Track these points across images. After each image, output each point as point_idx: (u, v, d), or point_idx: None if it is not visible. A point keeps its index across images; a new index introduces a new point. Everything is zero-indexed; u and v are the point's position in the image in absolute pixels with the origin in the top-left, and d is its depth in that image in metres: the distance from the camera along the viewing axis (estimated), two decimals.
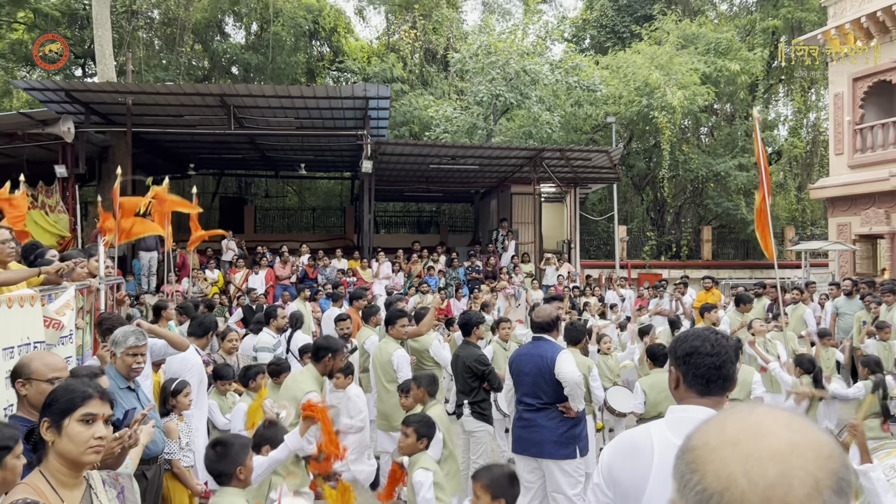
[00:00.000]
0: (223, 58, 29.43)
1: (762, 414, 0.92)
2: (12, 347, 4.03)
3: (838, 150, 18.81)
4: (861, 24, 17.40)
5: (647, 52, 25.59)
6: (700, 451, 0.89)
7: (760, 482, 0.81)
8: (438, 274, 16.74)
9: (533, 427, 5.16)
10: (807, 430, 0.89)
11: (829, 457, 0.85)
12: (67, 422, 2.11)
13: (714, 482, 0.84)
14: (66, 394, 2.19)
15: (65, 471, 2.12)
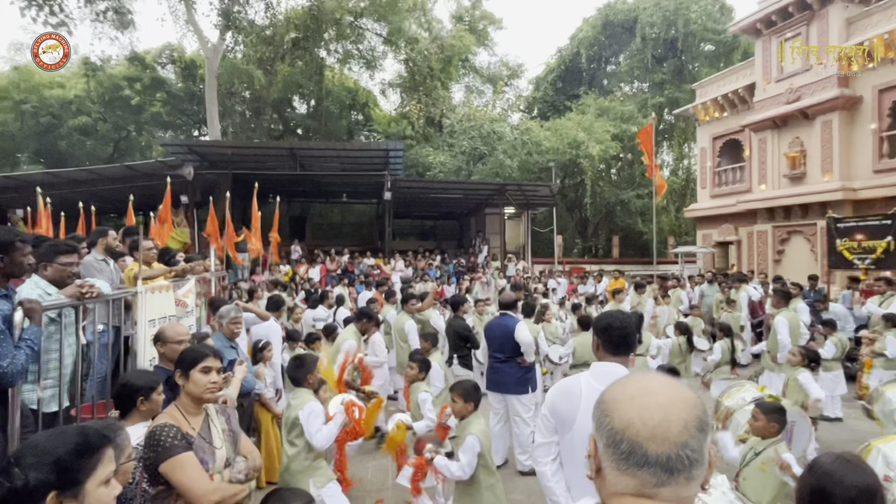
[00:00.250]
0: (292, 123, 29.38)
1: (651, 379, 0.93)
2: (155, 319, 4.07)
3: (703, 185, 18.87)
4: (717, 101, 17.54)
5: (576, 119, 25.59)
6: (610, 403, 0.91)
7: (649, 423, 0.84)
8: (435, 268, 16.78)
9: (500, 372, 5.15)
10: (680, 389, 0.91)
11: (694, 406, 0.87)
12: (193, 372, 2.14)
13: (619, 424, 0.86)
14: (191, 353, 2.23)
15: (191, 405, 2.16)
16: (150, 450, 1.97)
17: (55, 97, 25.62)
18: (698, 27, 26.35)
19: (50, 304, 2.81)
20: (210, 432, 2.19)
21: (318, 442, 3.13)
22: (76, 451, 1.17)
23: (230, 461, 2.20)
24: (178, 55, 27.33)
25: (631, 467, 0.84)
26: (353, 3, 24.43)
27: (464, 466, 3.08)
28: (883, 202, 12.07)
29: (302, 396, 3.32)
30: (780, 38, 14.78)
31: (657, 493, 0.84)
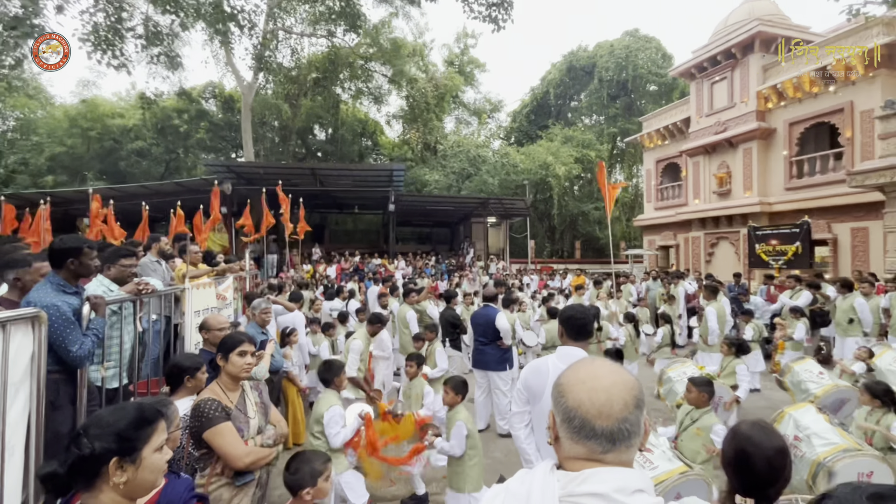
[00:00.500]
0: (313, 147, 29.19)
1: (598, 366, 0.95)
2: (199, 310, 4.04)
3: (648, 200, 18.93)
4: (660, 131, 17.62)
5: (545, 145, 25.68)
6: (565, 385, 0.93)
7: (596, 403, 0.86)
8: (431, 267, 16.73)
9: (483, 353, 5.16)
10: (622, 373, 0.93)
11: (633, 388, 0.89)
12: (231, 355, 2.13)
13: (572, 403, 0.89)
14: (230, 339, 2.21)
15: (230, 382, 2.14)
16: (195, 420, 1.96)
17: (116, 125, 25.32)
18: (644, 71, 26.53)
19: (112, 299, 2.79)
20: (245, 405, 2.17)
21: (336, 443, 3.07)
22: (134, 424, 1.17)
23: (262, 429, 2.19)
24: (219, 91, 27.10)
25: (582, 438, 0.87)
26: (363, 50, 24.35)
27: (454, 446, 3.15)
28: (792, 214, 12.16)
29: (328, 398, 3.23)
30: (710, 81, 14.87)
31: (603, 458, 0.86)
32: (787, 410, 3.30)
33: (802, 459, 2.97)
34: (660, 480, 2.65)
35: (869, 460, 2.82)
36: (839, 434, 2.99)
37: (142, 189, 14.66)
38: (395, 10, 22.49)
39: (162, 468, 1.21)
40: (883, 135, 8.31)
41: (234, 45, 17.69)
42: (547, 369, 2.20)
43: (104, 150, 24.98)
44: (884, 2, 6.25)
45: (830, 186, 11.50)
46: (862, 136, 10.95)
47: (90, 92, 26.09)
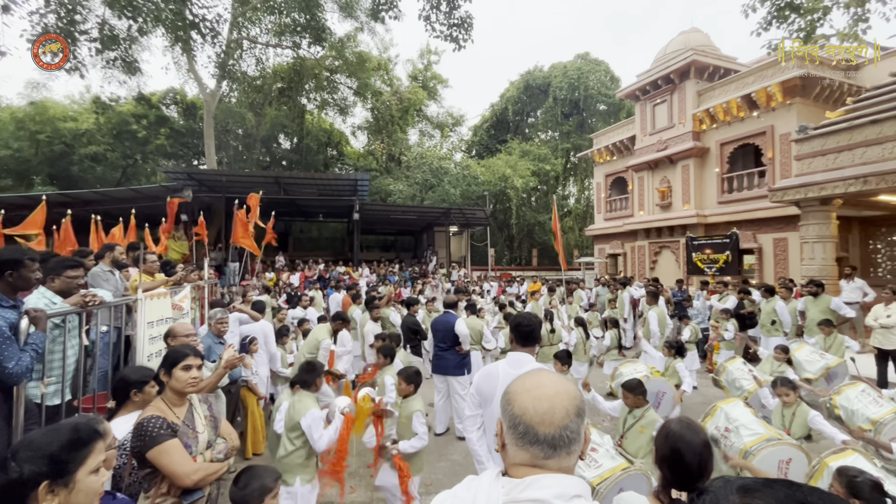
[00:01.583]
0: (277, 156, 28.42)
1: (543, 376, 0.97)
2: (153, 321, 3.83)
3: (599, 211, 19.46)
4: (609, 148, 18.25)
5: (504, 158, 26.18)
6: (512, 394, 0.94)
7: (540, 411, 0.88)
8: (394, 274, 16.60)
9: (443, 359, 5.15)
10: (565, 384, 0.95)
11: (574, 397, 0.92)
12: (175, 370, 2.00)
13: (518, 410, 0.90)
14: (173, 354, 2.07)
15: (175, 397, 2.01)
16: (137, 439, 1.83)
17: (68, 129, 23.63)
18: (595, 92, 27.61)
19: (55, 312, 2.59)
20: (193, 419, 2.05)
21: (321, 446, 2.88)
22: (68, 446, 1.08)
23: (211, 443, 2.08)
24: (181, 97, 25.92)
25: (526, 444, 0.88)
26: (329, 62, 24.05)
27: (422, 437, 3.14)
28: (724, 226, 12.87)
29: (304, 402, 3.02)
30: (652, 103, 15.62)
31: (545, 463, 0.88)
32: (719, 405, 3.50)
33: (731, 448, 3.15)
34: (604, 477, 2.73)
35: (788, 448, 3.02)
36: (763, 425, 3.19)
37: (95, 195, 13.75)
38: (361, 26, 22.39)
39: (97, 491, 1.13)
40: (798, 156, 9.02)
41: (196, 52, 17.05)
42: (497, 374, 2.22)
43: (54, 155, 23.26)
44: (797, 39, 6.83)
45: (756, 201, 12.31)
46: (781, 157, 11.84)
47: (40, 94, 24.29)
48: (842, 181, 7.85)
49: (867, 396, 4.10)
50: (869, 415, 3.88)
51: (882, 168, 7.37)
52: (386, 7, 9.04)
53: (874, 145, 7.71)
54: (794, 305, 6.85)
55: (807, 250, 8.74)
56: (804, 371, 5.24)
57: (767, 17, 6.79)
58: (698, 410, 4.03)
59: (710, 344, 7.08)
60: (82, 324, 2.91)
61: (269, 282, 14.11)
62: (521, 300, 10.61)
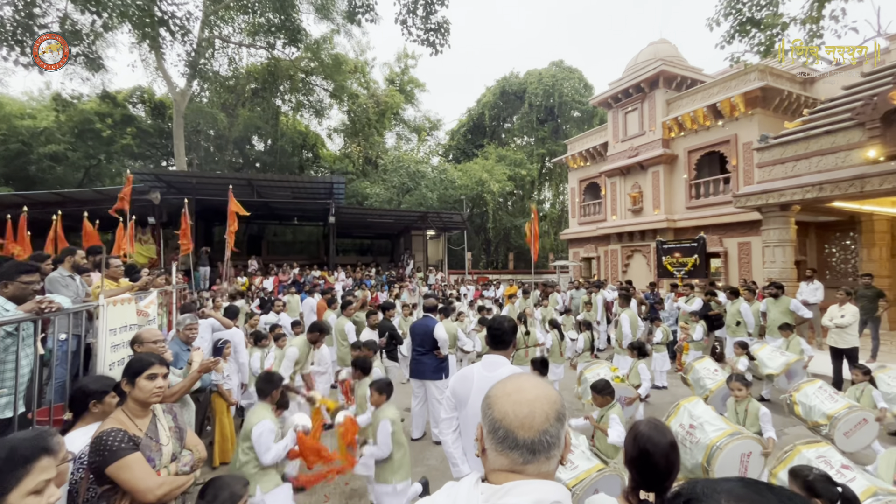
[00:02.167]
0: (251, 157, 27.79)
1: (524, 380, 0.96)
2: (116, 328, 3.66)
3: (573, 215, 19.76)
4: (582, 153, 18.63)
5: (481, 163, 26.37)
6: (493, 398, 0.94)
7: (520, 415, 0.88)
8: (371, 278, 16.45)
9: (420, 363, 5.11)
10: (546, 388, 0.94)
11: (555, 402, 0.91)
12: (139, 380, 1.92)
13: (498, 415, 0.90)
14: (137, 362, 1.98)
15: (137, 408, 1.93)
16: (95, 454, 1.73)
17: (25, 126, 22.46)
18: (569, 99, 28.18)
19: (7, 319, 2.45)
20: (157, 431, 1.96)
21: (266, 460, 2.80)
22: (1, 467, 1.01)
23: (176, 455, 2.00)
24: (149, 96, 25.04)
25: (505, 449, 0.87)
26: (304, 64, 23.72)
27: (381, 446, 3.09)
28: (693, 230, 13.30)
29: (259, 412, 2.94)
30: (624, 111, 16.05)
31: (524, 469, 0.87)
32: (682, 403, 3.61)
33: (698, 444, 3.24)
34: (580, 479, 2.76)
35: (749, 442, 3.15)
36: (724, 421, 3.31)
37: (55, 196, 13.11)
38: (337, 28, 22.21)
39: None
40: (760, 164, 9.44)
41: (165, 50, 16.53)
42: (472, 376, 2.22)
43: (10, 154, 22.05)
44: (757, 52, 7.16)
45: (721, 206, 12.80)
46: (745, 164, 12.36)
47: None
48: (799, 188, 8.24)
49: (824, 393, 4.31)
50: (825, 410, 4.08)
51: (836, 176, 7.78)
52: (362, 10, 9.00)
53: (828, 154, 8.14)
54: (757, 307, 7.13)
55: (768, 254, 9.13)
56: (766, 367, 5.47)
57: (730, 31, 7.10)
58: (667, 410, 4.13)
59: (679, 345, 7.30)
60: (38, 332, 2.76)
61: (242, 286, 13.76)
62: (497, 303, 10.66)
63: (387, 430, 3.09)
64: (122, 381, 1.97)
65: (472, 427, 2.17)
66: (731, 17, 7.07)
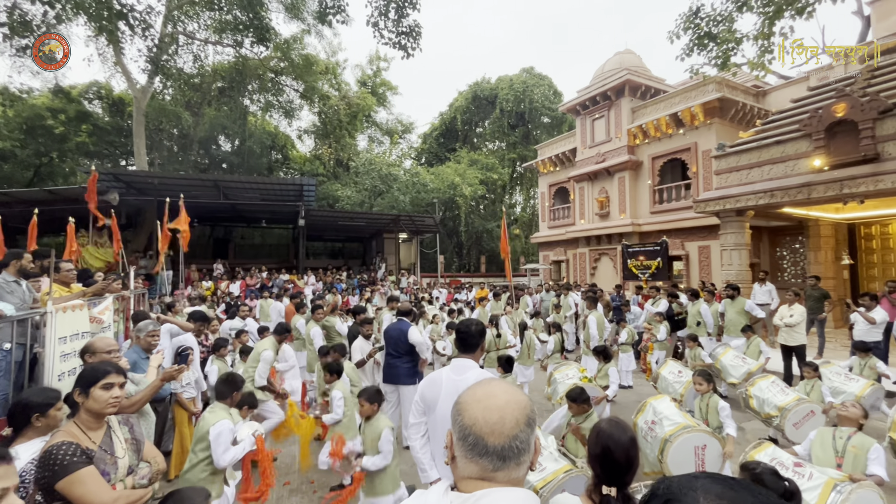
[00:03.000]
0: (217, 158, 26.91)
1: (494, 386, 0.95)
2: (65, 337, 3.45)
3: (543, 219, 20.08)
4: (552, 159, 18.98)
5: (453, 167, 26.48)
6: (463, 404, 0.93)
7: (490, 421, 0.87)
8: (342, 282, 16.20)
9: (393, 367, 5.04)
10: (515, 393, 0.94)
11: (525, 407, 0.91)
12: (93, 389, 1.83)
13: (468, 421, 0.89)
14: (91, 371, 1.89)
15: (91, 420, 1.83)
16: (45, 469, 1.63)
17: None
18: (539, 105, 28.69)
19: None
20: (112, 443, 1.87)
21: (222, 463, 2.70)
22: None
23: (133, 468, 1.91)
24: (106, 92, 23.83)
25: (475, 456, 0.87)
26: (273, 63, 23.21)
27: (386, 455, 3.05)
28: (656, 234, 13.76)
29: (217, 413, 2.85)
30: (591, 118, 16.48)
31: (494, 476, 0.86)
32: (649, 401, 3.73)
33: (656, 439, 3.36)
34: (548, 481, 2.79)
35: (702, 435, 3.28)
36: (684, 416, 3.44)
37: (1, 196, 12.29)
38: (308, 28, 21.85)
39: None
40: (717, 171, 9.89)
41: (124, 45, 15.81)
42: (441, 380, 2.22)
43: None
44: (715, 65, 7.51)
45: (683, 211, 13.32)
46: (704, 171, 12.92)
47: None
48: (753, 194, 8.68)
49: (776, 387, 4.56)
50: (777, 402, 4.31)
51: (785, 183, 8.24)
52: (333, 11, 8.88)
53: (779, 163, 8.62)
54: (716, 307, 7.46)
55: (726, 257, 9.56)
56: (730, 376, 5.70)
57: (690, 45, 7.42)
58: (633, 408, 4.26)
59: (643, 345, 7.54)
60: None
61: (207, 291, 13.28)
62: (469, 306, 10.72)
63: (389, 438, 3.05)
64: (74, 391, 1.87)
65: (441, 431, 2.16)
66: (690, 31, 7.39)
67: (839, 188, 7.46)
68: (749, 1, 6.81)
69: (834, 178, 7.56)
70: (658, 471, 3.29)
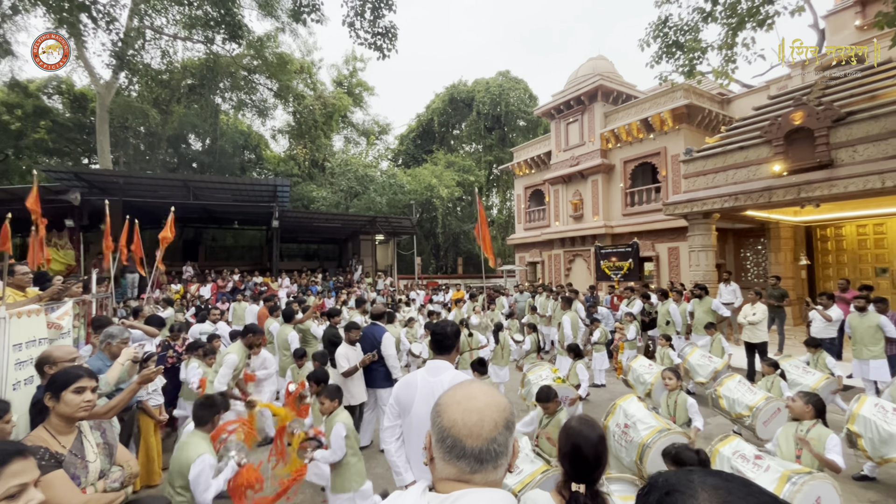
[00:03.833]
0: (187, 157, 26.07)
1: (474, 388, 0.95)
2: (21, 343, 3.27)
3: (519, 221, 20.26)
4: (528, 161, 19.19)
5: (430, 168, 26.49)
6: (442, 406, 0.93)
7: (468, 423, 0.87)
8: (318, 284, 15.96)
9: (370, 370, 4.96)
10: (494, 395, 0.94)
11: (504, 409, 0.91)
12: (65, 393, 1.78)
13: (447, 423, 0.89)
14: (63, 375, 1.85)
15: (61, 424, 1.80)
16: None
17: None
18: (515, 108, 29.03)
19: None
20: (83, 448, 1.83)
21: (206, 500, 2.53)
22: None
23: (105, 473, 1.86)
24: (67, 87, 22.79)
25: (453, 458, 0.87)
26: (246, 61, 22.69)
27: (335, 451, 3.02)
28: (628, 236, 14.13)
29: (197, 444, 2.63)
30: (566, 122, 16.78)
31: (472, 478, 0.87)
32: (618, 402, 3.80)
33: (632, 443, 3.42)
34: (525, 483, 2.81)
35: (675, 437, 3.37)
36: (654, 417, 3.52)
37: None
38: (282, 26, 21.45)
39: None
40: (685, 175, 10.23)
41: (87, 38, 15.15)
42: (416, 382, 2.21)
43: None
44: (682, 73, 7.79)
45: (653, 214, 13.71)
46: (673, 175, 13.34)
47: None
48: (718, 198, 9.02)
49: (743, 386, 4.74)
50: (747, 402, 4.48)
51: (748, 188, 8.60)
52: (308, 9, 8.76)
53: (742, 168, 8.99)
54: (685, 307, 7.71)
55: (693, 258, 9.89)
56: (698, 375, 5.90)
57: (659, 52, 7.67)
58: (605, 407, 4.35)
59: (615, 344, 7.72)
60: None
61: (176, 294, 12.84)
62: (447, 308, 10.73)
63: (340, 434, 3.02)
64: (45, 395, 1.83)
65: (416, 434, 2.15)
66: (659, 39, 7.64)
67: (797, 192, 7.84)
68: (714, 12, 7.08)
69: (792, 182, 7.94)
70: (634, 473, 3.36)
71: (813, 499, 2.50)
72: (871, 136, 7.25)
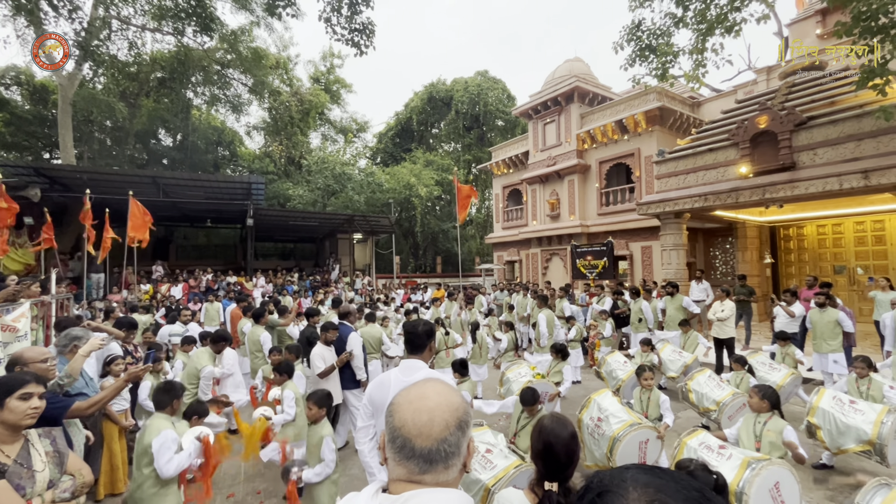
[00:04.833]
0: (157, 153, 25.19)
1: (429, 387, 0.94)
2: None
3: (497, 220, 20.42)
4: (506, 161, 19.35)
5: (408, 167, 26.35)
6: (395, 405, 0.92)
7: (419, 422, 0.86)
8: (293, 283, 15.67)
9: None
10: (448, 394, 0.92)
11: (457, 409, 0.90)
12: (9, 400, 1.69)
13: (398, 422, 0.88)
14: (7, 381, 1.75)
15: (5, 433, 1.70)
16: None
17: None
18: (493, 108, 29.18)
19: None
20: (29, 457, 1.74)
21: (168, 472, 2.59)
22: None
23: (54, 482, 1.77)
24: (26, 78, 21.68)
25: (403, 459, 0.86)
26: (220, 55, 22.05)
27: (328, 463, 2.99)
28: (604, 235, 14.40)
29: (157, 423, 2.74)
30: (543, 122, 16.97)
31: (421, 479, 0.85)
32: (593, 397, 3.87)
33: (603, 437, 3.49)
34: (498, 477, 2.83)
35: (646, 431, 3.45)
36: (627, 412, 3.60)
37: None
38: (257, 20, 20.94)
39: None
40: (658, 175, 10.49)
41: (48, 26, 14.45)
42: (389, 382, 2.19)
43: None
44: (655, 76, 7.97)
45: (627, 213, 14.01)
46: (646, 176, 13.66)
47: None
48: (689, 198, 9.28)
49: (712, 381, 4.88)
50: (714, 397, 4.62)
51: (716, 188, 8.88)
52: (283, 3, 8.57)
53: (711, 169, 9.27)
54: (656, 304, 7.90)
55: (665, 257, 10.15)
56: (669, 370, 6.07)
57: (632, 56, 7.82)
58: (580, 403, 4.42)
59: (591, 342, 7.85)
60: None
61: (145, 295, 12.40)
62: (425, 307, 10.70)
63: (331, 447, 3.00)
64: None
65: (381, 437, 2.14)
66: (632, 42, 7.79)
67: (762, 193, 8.14)
68: (685, 18, 7.27)
69: (757, 184, 8.24)
70: (604, 465, 3.42)
71: (772, 483, 2.61)
72: (831, 139, 7.58)
